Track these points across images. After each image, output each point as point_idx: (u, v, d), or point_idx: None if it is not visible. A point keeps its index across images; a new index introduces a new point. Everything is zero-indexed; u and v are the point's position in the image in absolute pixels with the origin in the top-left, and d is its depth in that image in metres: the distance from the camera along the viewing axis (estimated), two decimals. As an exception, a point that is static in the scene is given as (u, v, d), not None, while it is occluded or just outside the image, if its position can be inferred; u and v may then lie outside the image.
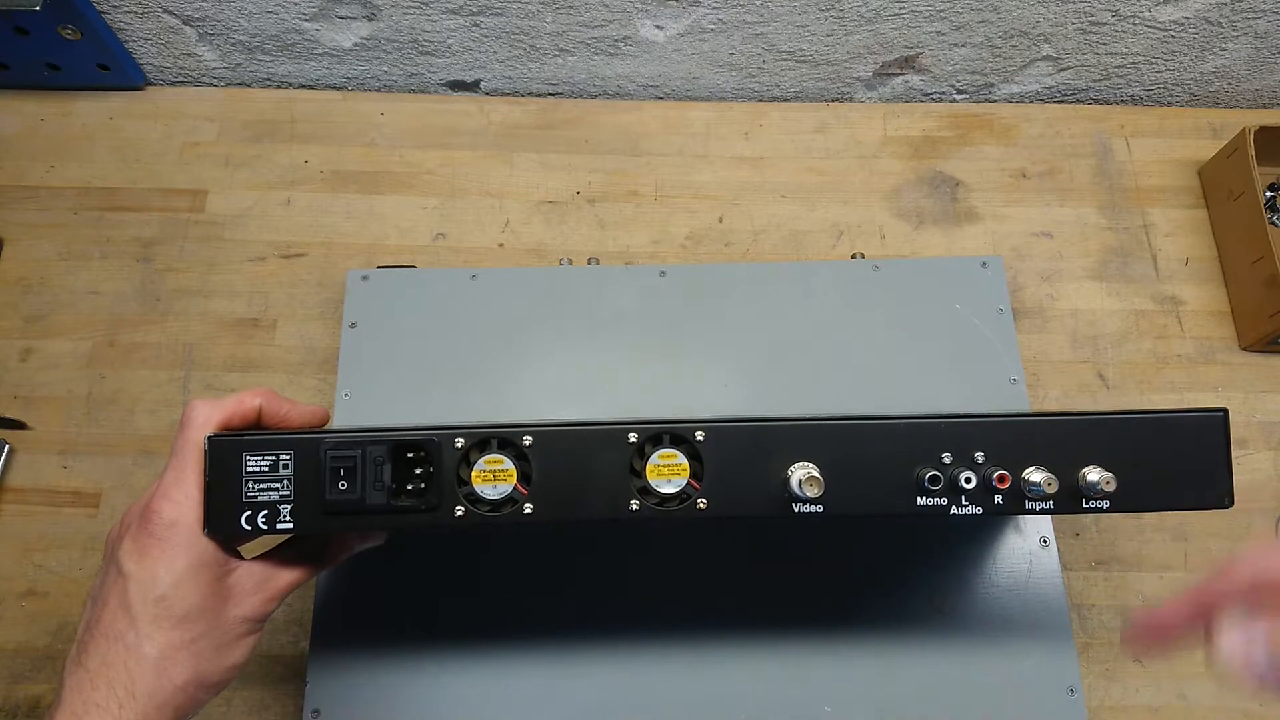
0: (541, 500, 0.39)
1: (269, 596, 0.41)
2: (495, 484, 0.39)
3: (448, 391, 0.63)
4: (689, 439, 0.40)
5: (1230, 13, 0.74)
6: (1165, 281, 0.73)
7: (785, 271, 0.67)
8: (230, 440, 0.39)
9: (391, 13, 0.74)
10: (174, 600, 0.38)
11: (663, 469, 0.40)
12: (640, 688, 0.55)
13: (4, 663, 0.60)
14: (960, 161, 0.78)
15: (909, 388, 0.63)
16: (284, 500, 0.39)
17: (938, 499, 0.40)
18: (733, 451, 0.40)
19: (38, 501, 0.64)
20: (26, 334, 0.70)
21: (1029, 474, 0.40)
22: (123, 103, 0.79)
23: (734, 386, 0.63)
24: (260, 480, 0.39)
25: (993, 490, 0.40)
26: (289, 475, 0.39)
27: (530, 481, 0.40)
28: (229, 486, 0.39)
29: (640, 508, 0.40)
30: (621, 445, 0.40)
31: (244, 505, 0.39)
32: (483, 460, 0.39)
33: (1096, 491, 0.40)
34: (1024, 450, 0.40)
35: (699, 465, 0.40)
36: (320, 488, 0.39)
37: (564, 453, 0.40)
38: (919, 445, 0.40)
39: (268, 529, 0.39)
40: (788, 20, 0.75)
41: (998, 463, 0.40)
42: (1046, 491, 0.39)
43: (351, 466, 0.39)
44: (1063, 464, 0.40)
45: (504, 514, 0.39)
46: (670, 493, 0.40)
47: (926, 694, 0.55)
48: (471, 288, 0.66)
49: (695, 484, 0.40)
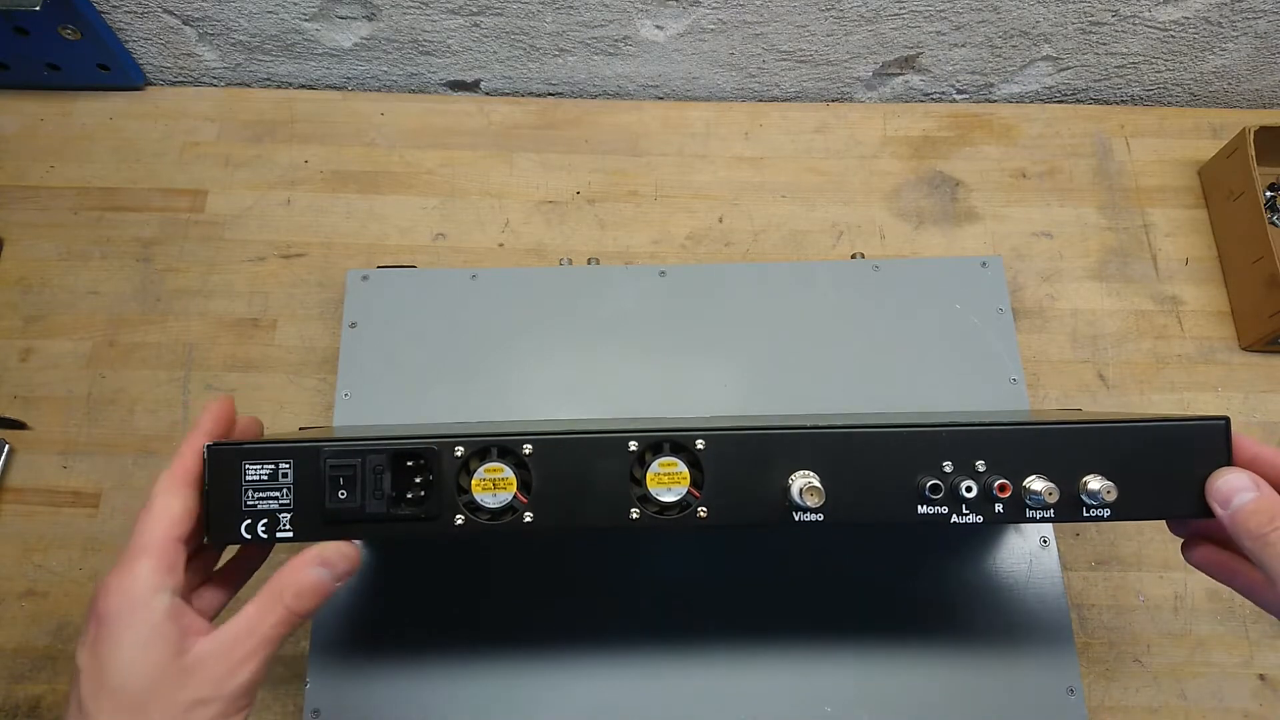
0: (541, 509, 0.39)
1: (239, 660, 0.37)
2: (495, 493, 0.39)
3: (448, 391, 0.63)
4: (689, 447, 0.40)
5: (1230, 13, 0.74)
6: (1165, 281, 0.73)
7: (785, 271, 0.67)
8: (229, 449, 0.39)
9: (391, 13, 0.74)
10: (126, 689, 0.35)
11: (663, 477, 0.39)
12: (639, 690, 0.55)
13: (4, 663, 0.60)
14: (960, 161, 0.78)
15: (909, 388, 0.63)
16: (283, 509, 0.39)
17: (938, 508, 0.40)
18: (733, 460, 0.40)
19: (38, 501, 0.64)
20: (26, 334, 0.70)
21: (1030, 483, 0.40)
22: (123, 103, 0.79)
23: (734, 386, 0.63)
24: (260, 489, 0.39)
25: (994, 499, 0.40)
26: (289, 484, 0.39)
27: (530, 490, 0.39)
28: (228, 495, 0.39)
29: (640, 516, 0.39)
30: (621, 454, 0.39)
31: (244, 514, 0.39)
32: (482, 469, 0.39)
33: (1097, 500, 0.40)
34: (1025, 459, 0.40)
35: (699, 474, 0.40)
36: (320, 496, 0.39)
37: (564, 461, 0.40)
38: (920, 454, 0.40)
39: (267, 538, 0.39)
40: (788, 20, 0.75)
41: (999, 471, 0.40)
42: (1047, 501, 0.39)
43: (351, 475, 0.39)
44: (1064, 473, 0.40)
45: (504, 522, 0.39)
46: (670, 501, 0.40)
47: (927, 694, 0.55)
48: (471, 288, 0.66)
49: (695, 492, 0.40)
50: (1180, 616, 0.62)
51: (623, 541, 0.58)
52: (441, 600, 0.57)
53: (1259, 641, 0.62)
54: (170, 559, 0.37)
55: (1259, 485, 0.39)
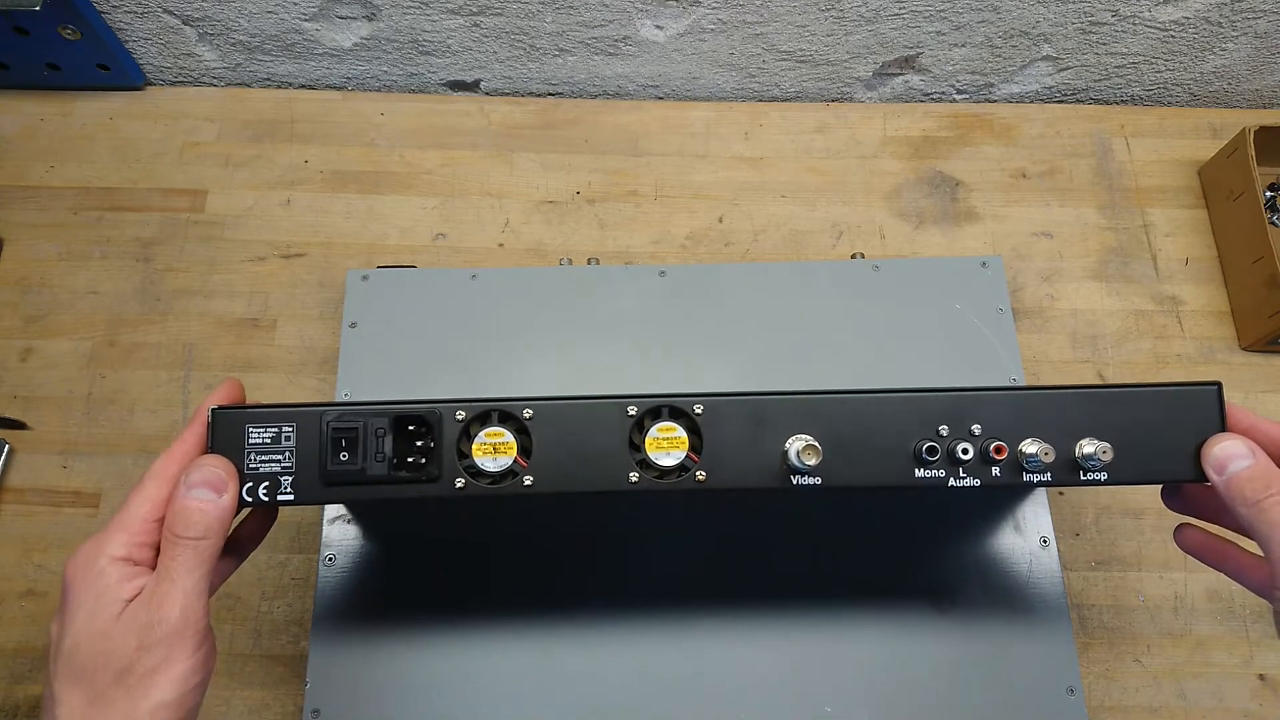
0: (541, 472, 0.40)
1: (159, 602, 0.36)
2: (496, 456, 0.40)
3: (448, 391, 0.62)
4: (688, 412, 0.40)
5: (1230, 13, 0.74)
6: (1165, 281, 0.73)
7: (785, 271, 0.67)
8: (234, 413, 0.40)
9: (391, 13, 0.74)
10: (76, 652, 0.36)
11: (661, 442, 0.40)
12: (639, 687, 0.55)
13: (4, 663, 0.60)
14: (960, 161, 0.78)
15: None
16: (285, 472, 0.39)
17: (936, 470, 0.41)
18: (731, 424, 0.41)
19: (38, 501, 0.65)
20: (26, 334, 0.70)
21: (1025, 445, 0.41)
22: (123, 103, 0.79)
23: (733, 387, 0.63)
24: (262, 452, 0.39)
25: (990, 462, 0.41)
26: (290, 447, 0.39)
27: (530, 455, 0.40)
28: (231, 459, 0.39)
29: (639, 480, 0.40)
30: (620, 418, 0.40)
31: (245, 477, 0.39)
32: (483, 433, 0.40)
33: (1094, 463, 0.40)
34: (1020, 422, 0.41)
35: (698, 439, 0.41)
36: (321, 458, 0.39)
37: (563, 426, 0.40)
38: (916, 417, 0.41)
39: (269, 500, 0.40)
40: (788, 20, 0.75)
41: (994, 435, 0.41)
42: (1044, 462, 0.40)
43: (353, 438, 0.39)
44: (1059, 436, 0.41)
45: (504, 486, 0.40)
46: (669, 465, 0.40)
47: (927, 693, 0.55)
48: (471, 288, 0.66)
49: (694, 457, 0.40)
50: (1180, 616, 0.62)
51: (622, 536, 0.58)
52: (440, 600, 0.57)
53: (1259, 641, 0.62)
54: (143, 537, 0.38)
55: (1255, 452, 0.39)
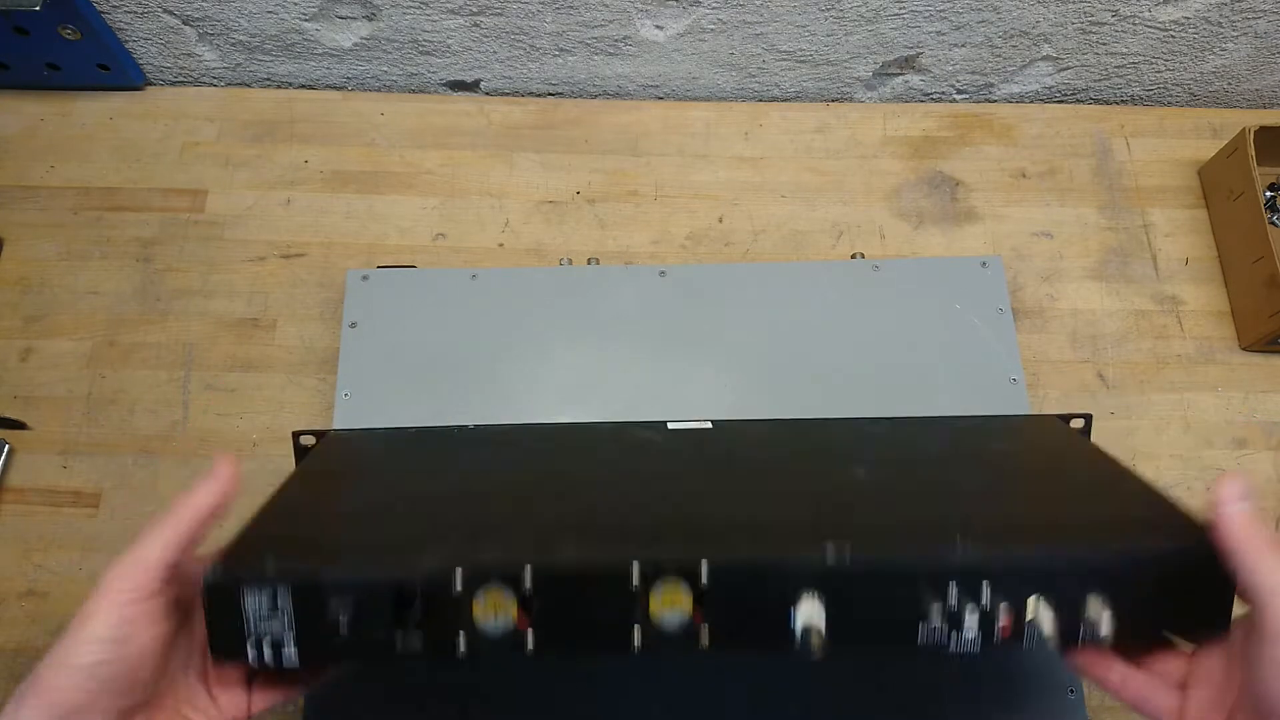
0: (543, 635, 0.40)
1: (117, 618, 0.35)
2: (496, 616, 0.39)
3: (448, 391, 0.63)
4: (694, 577, 0.40)
5: (1230, 13, 0.74)
6: (1165, 281, 0.73)
7: (785, 271, 0.67)
8: (227, 580, 0.39)
9: (391, 13, 0.74)
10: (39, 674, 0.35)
11: (665, 603, 0.40)
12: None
13: (4, 663, 0.60)
14: (960, 161, 0.78)
15: (909, 388, 0.63)
16: (285, 637, 0.39)
17: (938, 640, 0.40)
18: (737, 589, 0.40)
19: (38, 501, 0.64)
20: (26, 334, 0.70)
21: (1031, 613, 0.39)
22: (123, 103, 0.79)
23: (733, 387, 0.63)
24: (261, 617, 0.39)
25: (994, 636, 0.40)
26: (288, 612, 0.39)
27: (531, 613, 0.40)
28: (231, 624, 0.39)
29: (643, 642, 0.40)
30: (624, 583, 0.39)
31: (245, 641, 0.39)
32: (484, 595, 0.39)
33: (1093, 633, 0.39)
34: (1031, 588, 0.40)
35: (702, 601, 0.40)
36: (320, 625, 0.39)
37: (565, 593, 0.40)
38: (926, 587, 0.40)
39: (273, 665, 0.39)
40: (788, 20, 0.75)
41: (1002, 600, 0.39)
42: (1046, 635, 0.39)
43: (351, 607, 0.39)
44: (1065, 603, 0.39)
45: (506, 648, 0.39)
46: (673, 627, 0.40)
47: (927, 694, 0.55)
48: (471, 288, 0.66)
49: (698, 619, 0.40)
50: (1180, 616, 0.62)
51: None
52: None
53: (1259, 641, 0.62)
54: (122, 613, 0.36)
55: None
